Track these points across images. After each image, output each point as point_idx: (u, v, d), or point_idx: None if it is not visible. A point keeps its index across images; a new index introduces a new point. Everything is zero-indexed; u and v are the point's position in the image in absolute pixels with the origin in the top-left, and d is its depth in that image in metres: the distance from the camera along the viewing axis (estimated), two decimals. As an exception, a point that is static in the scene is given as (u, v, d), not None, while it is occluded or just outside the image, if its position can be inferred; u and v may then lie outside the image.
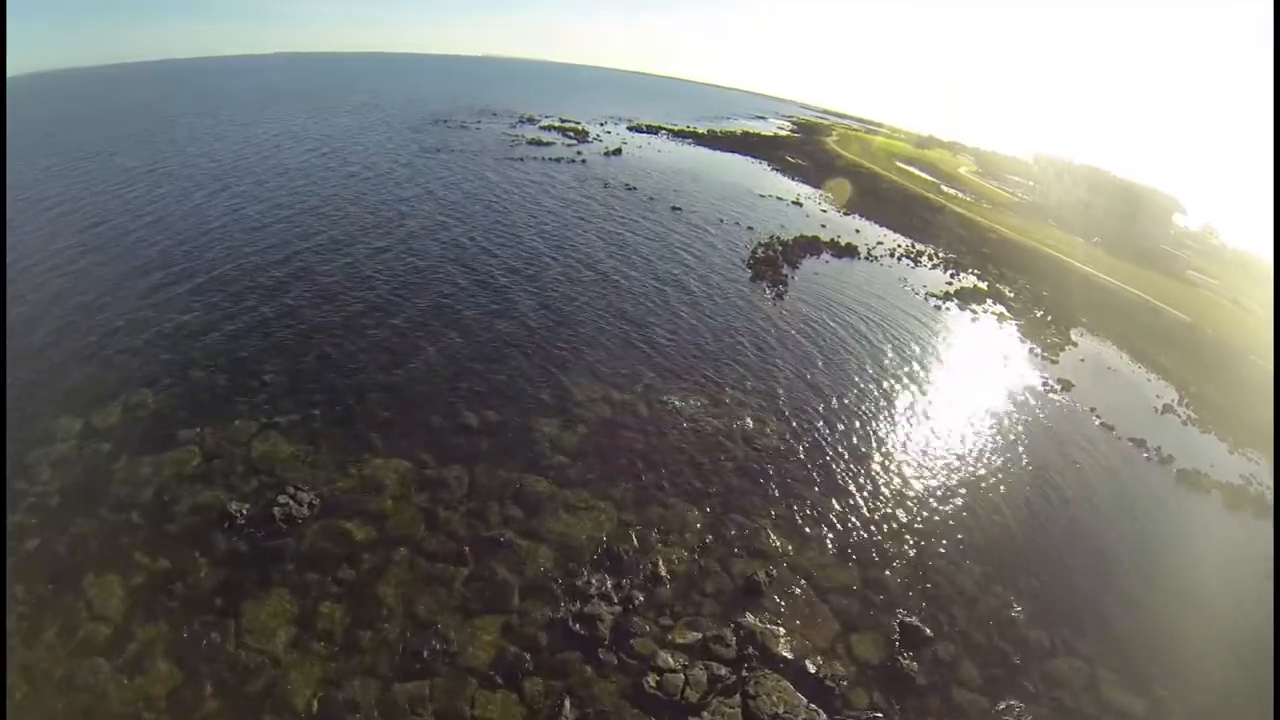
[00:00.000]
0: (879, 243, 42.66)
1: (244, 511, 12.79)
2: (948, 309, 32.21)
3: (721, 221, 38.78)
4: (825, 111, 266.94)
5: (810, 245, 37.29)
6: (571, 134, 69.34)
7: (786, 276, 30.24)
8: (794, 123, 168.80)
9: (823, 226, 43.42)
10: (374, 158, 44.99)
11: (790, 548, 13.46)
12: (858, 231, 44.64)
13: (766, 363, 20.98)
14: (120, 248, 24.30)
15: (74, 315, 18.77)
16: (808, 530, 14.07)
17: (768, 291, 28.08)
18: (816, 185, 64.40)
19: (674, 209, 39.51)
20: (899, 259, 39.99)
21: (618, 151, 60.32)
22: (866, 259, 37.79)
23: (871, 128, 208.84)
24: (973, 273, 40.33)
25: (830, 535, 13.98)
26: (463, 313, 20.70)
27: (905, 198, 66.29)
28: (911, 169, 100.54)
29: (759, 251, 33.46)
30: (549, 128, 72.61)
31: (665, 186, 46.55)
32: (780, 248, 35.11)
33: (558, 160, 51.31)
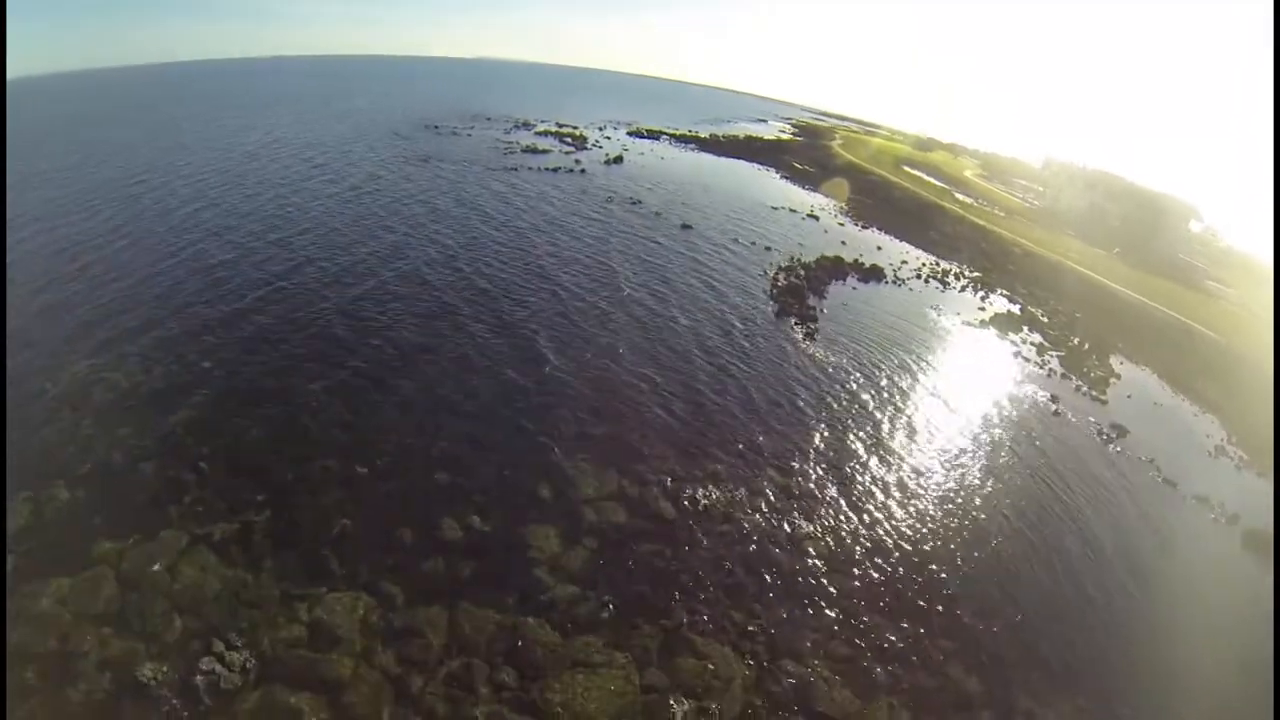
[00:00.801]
0: (903, 262, 39.95)
1: (159, 676, 9.84)
2: (988, 342, 29.55)
3: (736, 240, 35.82)
4: (824, 113, 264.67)
5: (834, 268, 34.42)
6: (569, 140, 66.29)
7: (815, 310, 27.30)
8: (795, 125, 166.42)
9: (843, 244, 40.71)
10: (359, 170, 41.82)
11: (855, 705, 10.58)
12: (879, 249, 41.92)
13: (806, 428, 18.05)
14: (75, 289, 20.89)
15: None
16: (877, 676, 11.19)
17: (797, 329, 25.13)
18: (829, 194, 61.70)
19: (684, 226, 36.52)
20: (926, 280, 37.27)
21: (619, 160, 57.32)
22: (893, 282, 34.97)
23: (870, 129, 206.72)
24: (1002, 294, 37.88)
25: (902, 679, 11.11)
26: (441, 375, 17.60)
27: (920, 207, 63.54)
28: (918, 173, 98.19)
29: (781, 278, 30.55)
30: (545, 133, 69.54)
31: (673, 199, 43.57)
32: (803, 272, 32.24)
33: (555, 170, 48.26)
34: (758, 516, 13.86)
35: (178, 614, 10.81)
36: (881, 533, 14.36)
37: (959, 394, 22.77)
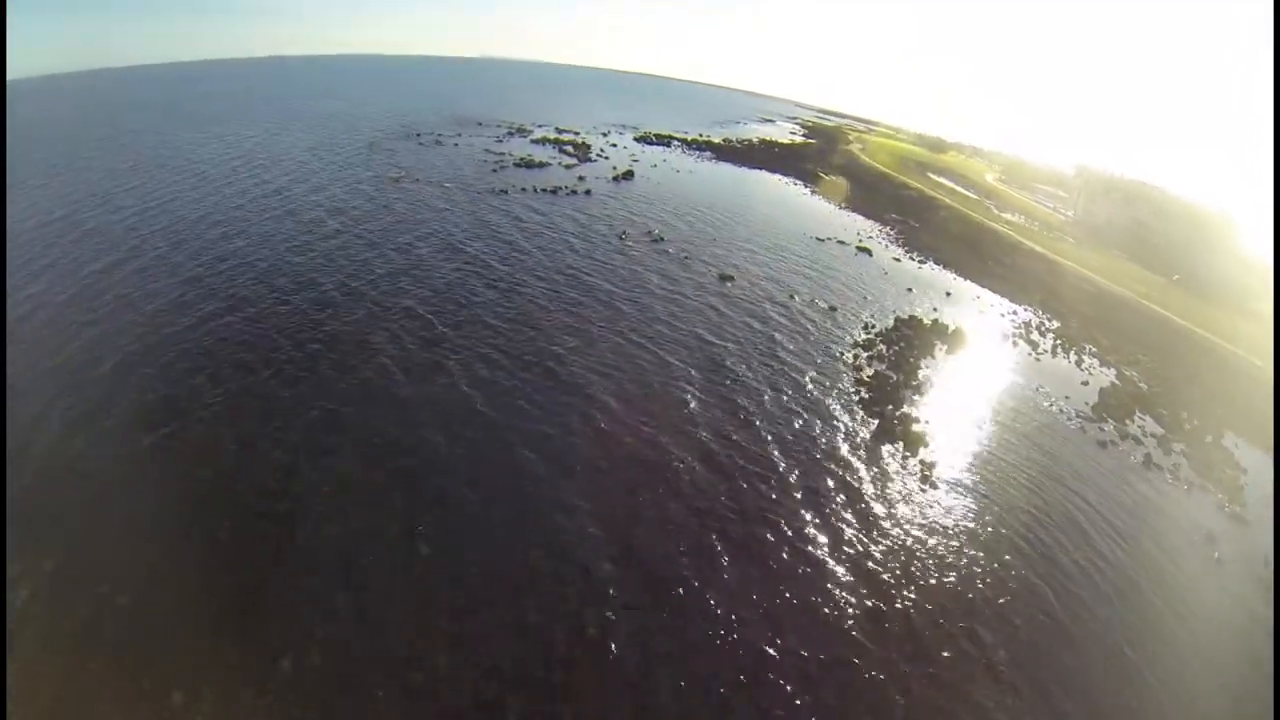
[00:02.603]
0: (980, 312, 31.87)
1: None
2: (1114, 447, 21.56)
3: (793, 298, 27.18)
4: (825, 111, 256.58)
5: (916, 337, 25.97)
6: (570, 149, 57.56)
7: (918, 421, 18.85)
8: (803, 126, 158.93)
9: (910, 291, 32.49)
10: (318, 199, 33.19)
11: None
12: (949, 295, 33.78)
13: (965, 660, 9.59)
14: None
15: None
16: None
17: (909, 465, 16.67)
18: (868, 214, 53.31)
19: (723, 278, 27.87)
20: (1014, 343, 29.22)
21: (628, 175, 48.60)
22: (981, 353, 26.70)
23: (870, 126, 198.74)
24: (1090, 351, 31.02)
25: None
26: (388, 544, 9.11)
27: (970, 230, 55.41)
28: (945, 180, 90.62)
29: (864, 363, 22.09)
30: (543, 141, 60.77)
31: (700, 234, 34.91)
32: (885, 349, 23.81)
33: (554, 192, 39.52)
34: None
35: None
36: None
37: (1139, 566, 14.56)
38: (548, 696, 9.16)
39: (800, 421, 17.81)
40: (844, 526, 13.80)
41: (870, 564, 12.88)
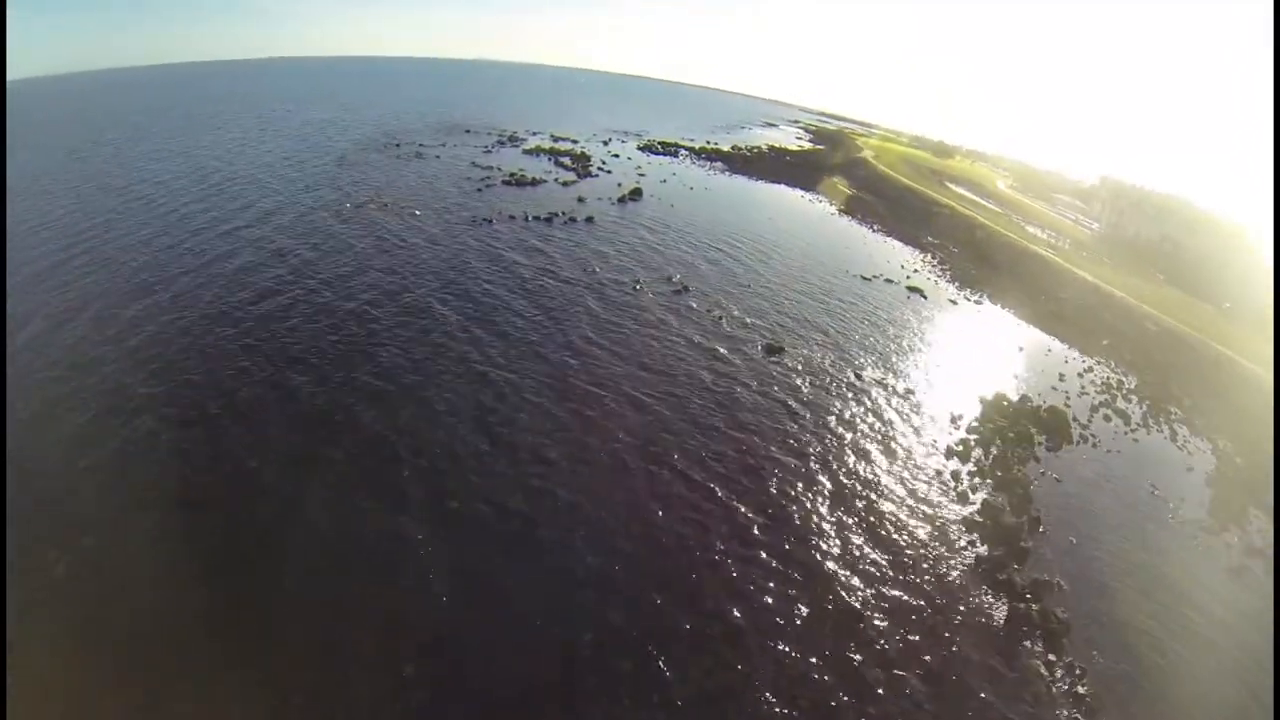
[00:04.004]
0: (1058, 375, 26.01)
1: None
2: (1248, 574, 16.19)
3: (860, 378, 20.85)
4: (824, 114, 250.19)
5: (1012, 430, 20.04)
6: (568, 161, 51.21)
7: (1046, 581, 13.16)
8: (807, 130, 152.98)
9: (981, 350, 26.53)
10: (268, 229, 27.22)
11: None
12: (1021, 349, 28.13)
13: None
14: None
15: None
16: None
17: (1050, 663, 11.05)
18: (903, 238, 47.43)
19: (771, 349, 21.44)
20: (1105, 415, 24.22)
21: (635, 194, 42.27)
22: (1079, 441, 20.99)
23: (867, 128, 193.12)
24: (1178, 417, 25.96)
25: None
26: None
27: (1014, 256, 49.56)
28: (964, 191, 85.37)
29: (964, 486, 16.16)
30: (537, 151, 54.34)
31: (729, 278, 28.58)
32: (981, 455, 17.89)
33: (549, 220, 33.11)
34: None
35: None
36: None
37: None
38: None
39: (921, 612, 11.65)
40: None
41: None
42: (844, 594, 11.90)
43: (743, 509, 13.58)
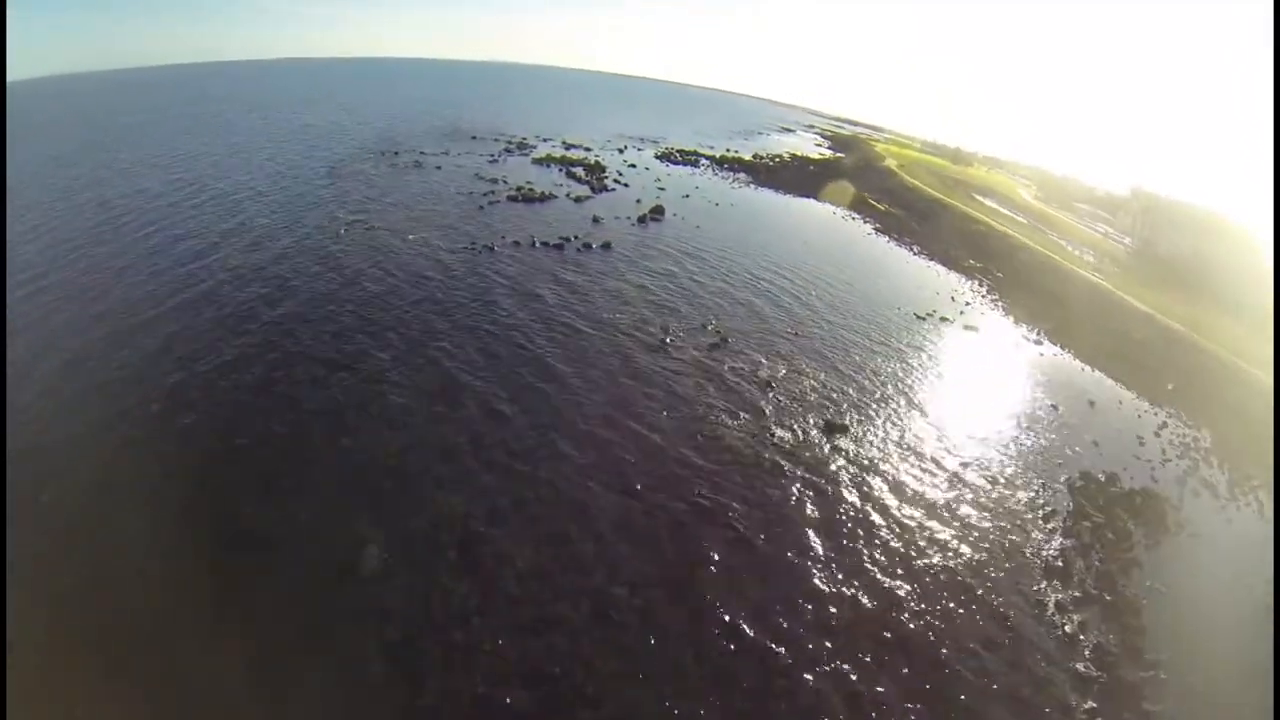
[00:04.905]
0: (1139, 441, 22.26)
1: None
2: None
3: (938, 470, 16.77)
4: (836, 119, 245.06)
5: (1109, 528, 16.10)
6: (580, 172, 47.26)
7: None
8: (823, 136, 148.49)
9: (1058, 417, 22.28)
10: (234, 266, 23.45)
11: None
12: (1093, 405, 24.42)
13: None
14: None
15: None
16: None
17: None
18: (945, 261, 43.30)
19: (831, 430, 17.40)
20: (1194, 490, 20.88)
21: (657, 212, 38.26)
22: (1176, 529, 16.82)
23: (877, 132, 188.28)
24: (1259, 485, 21.47)
25: None
26: None
27: (1063, 282, 45.11)
28: (991, 203, 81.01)
29: (1064, 615, 11.96)
30: (546, 161, 50.42)
31: (772, 325, 24.42)
32: (1080, 566, 13.75)
33: (560, 246, 29.16)
34: None
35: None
36: None
37: None
38: None
39: None
40: None
41: None
42: None
43: (809, 680, 9.53)
